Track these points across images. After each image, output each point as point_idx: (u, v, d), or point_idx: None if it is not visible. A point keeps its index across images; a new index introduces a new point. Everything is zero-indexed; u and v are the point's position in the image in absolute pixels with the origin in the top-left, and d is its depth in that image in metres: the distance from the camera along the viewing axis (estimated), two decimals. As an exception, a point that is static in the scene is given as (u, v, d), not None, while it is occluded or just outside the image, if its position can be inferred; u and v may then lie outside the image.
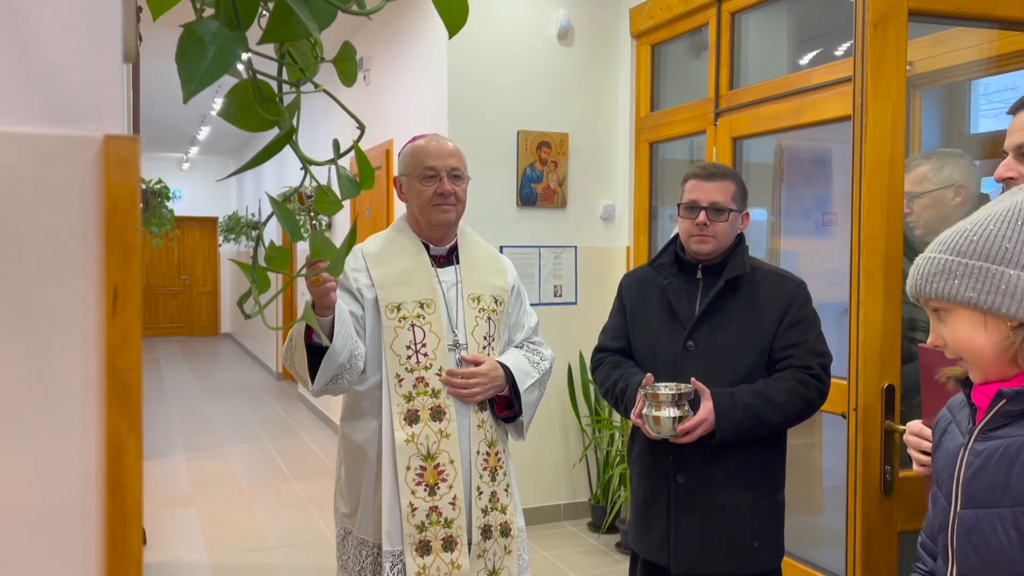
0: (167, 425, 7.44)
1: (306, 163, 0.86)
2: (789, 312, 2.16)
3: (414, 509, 2.03)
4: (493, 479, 2.15)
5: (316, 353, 1.99)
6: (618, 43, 4.66)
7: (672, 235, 2.34)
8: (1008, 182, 1.55)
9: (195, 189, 13.83)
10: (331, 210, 0.91)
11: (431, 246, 2.19)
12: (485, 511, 2.13)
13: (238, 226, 11.02)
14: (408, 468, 2.04)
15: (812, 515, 3.95)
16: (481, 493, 2.12)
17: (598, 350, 2.41)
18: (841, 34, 3.69)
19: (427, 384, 2.07)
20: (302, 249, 7.68)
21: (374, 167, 5.53)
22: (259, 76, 0.73)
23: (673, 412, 2.08)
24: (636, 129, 4.61)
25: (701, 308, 2.18)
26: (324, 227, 6.67)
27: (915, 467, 1.70)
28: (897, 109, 2.00)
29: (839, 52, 3.72)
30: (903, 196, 2.04)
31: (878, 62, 1.98)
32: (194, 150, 12.12)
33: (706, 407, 2.08)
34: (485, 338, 2.17)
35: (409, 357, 2.07)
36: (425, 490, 2.04)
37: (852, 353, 2.01)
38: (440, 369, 2.08)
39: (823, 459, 3.83)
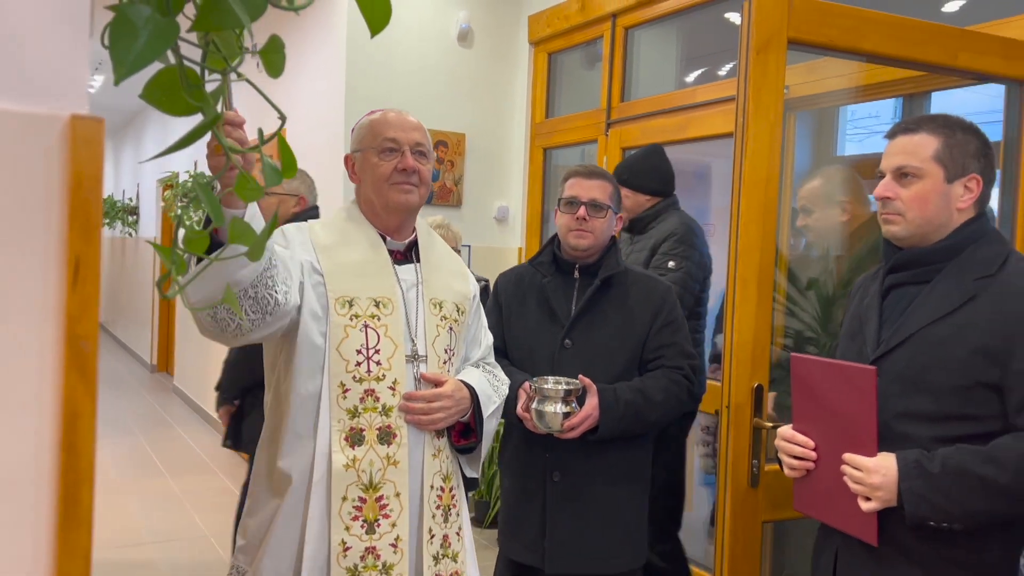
0: (29, 417, 7.04)
1: (228, 150, 0.90)
2: (661, 313, 2.24)
3: (347, 548, 1.66)
4: (446, 520, 1.80)
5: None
6: (517, 49, 4.77)
7: (552, 235, 2.40)
8: (885, 201, 1.70)
9: (66, 170, 13.12)
10: (251, 196, 0.95)
11: (387, 238, 1.84)
12: (436, 558, 1.77)
13: (113, 210, 10.54)
14: (344, 499, 1.67)
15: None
16: (433, 536, 1.76)
17: None
18: (724, 55, 3.91)
19: (377, 399, 1.70)
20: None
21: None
22: (186, 63, 0.75)
23: (560, 408, 2.10)
24: (532, 134, 4.73)
25: (578, 307, 2.23)
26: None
27: (786, 470, 1.80)
28: (775, 129, 2.16)
29: (722, 72, 3.94)
30: (776, 210, 2.20)
31: (759, 85, 2.13)
32: (67, 128, 11.48)
33: (591, 403, 2.12)
34: (446, 351, 1.83)
35: (359, 364, 1.70)
36: (362, 526, 1.68)
37: (726, 355, 2.15)
38: (394, 382, 1.72)
39: (693, 456, 4.03)
